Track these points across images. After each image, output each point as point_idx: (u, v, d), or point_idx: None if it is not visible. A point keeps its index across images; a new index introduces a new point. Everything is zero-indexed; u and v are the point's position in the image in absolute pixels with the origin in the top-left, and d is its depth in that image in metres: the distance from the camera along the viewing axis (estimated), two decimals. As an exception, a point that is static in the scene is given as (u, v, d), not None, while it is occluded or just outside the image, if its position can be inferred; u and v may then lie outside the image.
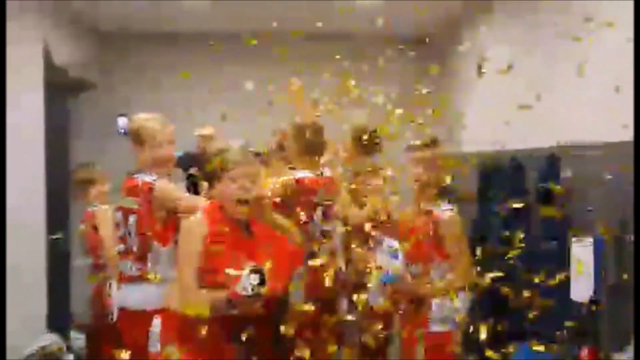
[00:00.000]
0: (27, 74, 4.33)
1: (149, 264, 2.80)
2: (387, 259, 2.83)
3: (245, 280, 2.18)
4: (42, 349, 3.78)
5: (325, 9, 5.41)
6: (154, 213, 2.79)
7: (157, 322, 2.48)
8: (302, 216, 3.09)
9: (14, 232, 3.89)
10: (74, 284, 5.58)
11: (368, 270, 2.94)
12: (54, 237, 4.66)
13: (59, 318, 4.62)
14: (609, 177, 3.30)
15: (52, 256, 4.56)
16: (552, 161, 3.83)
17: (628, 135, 3.00)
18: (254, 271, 2.19)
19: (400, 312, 2.95)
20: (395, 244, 2.88)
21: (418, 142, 3.00)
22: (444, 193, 2.98)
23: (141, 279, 2.81)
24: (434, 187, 2.94)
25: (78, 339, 5.06)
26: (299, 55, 6.10)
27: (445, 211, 2.89)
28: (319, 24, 4.12)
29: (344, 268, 3.23)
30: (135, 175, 2.87)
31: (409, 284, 2.85)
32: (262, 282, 2.19)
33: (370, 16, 5.47)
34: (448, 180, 2.96)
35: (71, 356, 3.98)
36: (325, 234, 3.27)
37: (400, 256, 2.84)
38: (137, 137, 2.89)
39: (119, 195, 2.95)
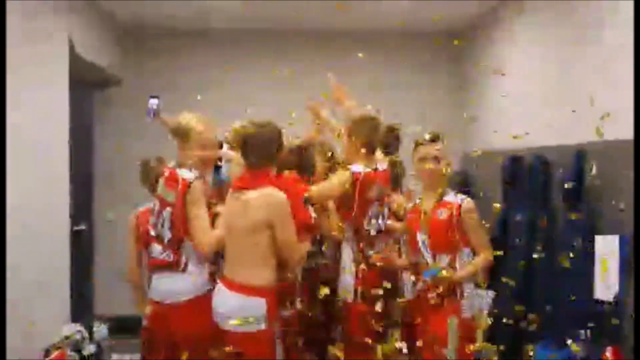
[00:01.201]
0: (51, 69, 4.37)
1: (183, 257, 2.90)
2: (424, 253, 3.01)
3: None
4: (66, 338, 3.83)
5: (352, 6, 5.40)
6: (185, 210, 2.88)
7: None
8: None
9: (39, 227, 3.94)
10: (97, 277, 5.67)
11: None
12: (77, 228, 4.72)
13: (82, 310, 4.67)
14: (626, 172, 3.28)
15: (75, 249, 4.61)
16: (579, 158, 3.78)
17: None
18: None
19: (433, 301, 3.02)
20: (423, 236, 3.02)
21: (427, 138, 3.14)
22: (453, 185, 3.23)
23: (170, 268, 2.90)
24: (444, 180, 3.13)
25: (100, 330, 5.12)
26: (322, 52, 6.12)
27: (463, 200, 3.06)
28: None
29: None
30: (178, 170, 2.96)
31: (447, 276, 2.96)
32: None
33: (399, 13, 5.49)
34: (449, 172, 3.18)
35: (93, 346, 4.02)
36: (381, 230, 3.27)
37: (428, 248, 2.98)
38: (184, 135, 2.97)
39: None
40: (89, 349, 3.94)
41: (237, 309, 2.74)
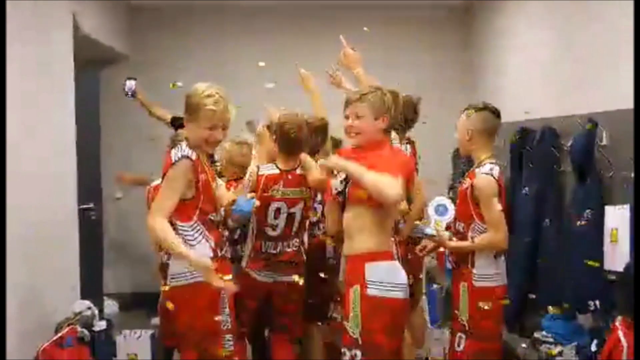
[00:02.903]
0: (55, 47, 4.34)
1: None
2: (431, 214, 3.04)
3: None
4: (76, 314, 3.87)
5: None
6: None
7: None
8: None
9: (47, 206, 3.95)
10: (106, 255, 5.71)
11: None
12: (84, 206, 4.73)
13: (92, 287, 4.70)
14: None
15: (84, 227, 4.63)
16: (589, 128, 3.72)
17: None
18: None
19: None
20: (442, 200, 3.06)
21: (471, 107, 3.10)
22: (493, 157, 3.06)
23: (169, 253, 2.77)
24: (475, 149, 3.06)
25: (111, 306, 5.17)
26: (330, 25, 6.04)
27: (482, 174, 2.94)
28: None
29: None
30: (175, 148, 2.72)
31: (441, 240, 3.01)
32: None
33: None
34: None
35: (104, 322, 4.05)
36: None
37: (449, 213, 3.02)
38: (193, 112, 2.69)
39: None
40: (99, 325, 3.97)
41: None
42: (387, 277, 2.62)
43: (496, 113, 3.09)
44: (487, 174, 2.94)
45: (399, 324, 2.69)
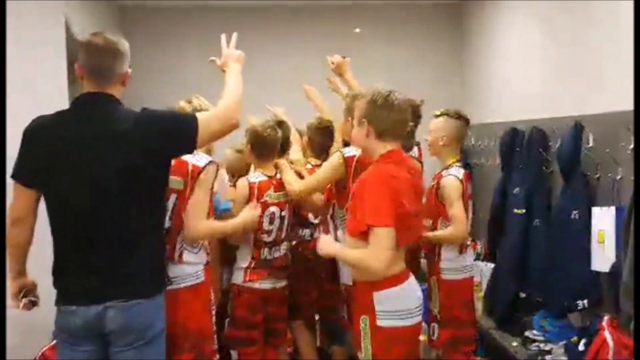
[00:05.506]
0: (48, 48, 4.34)
1: (177, 247, 2.72)
2: None
3: None
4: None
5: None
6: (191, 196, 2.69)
7: None
8: None
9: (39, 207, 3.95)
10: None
11: None
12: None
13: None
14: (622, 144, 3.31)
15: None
16: (576, 130, 3.77)
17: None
18: None
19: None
20: None
21: (438, 112, 3.40)
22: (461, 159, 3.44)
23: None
24: (447, 153, 3.36)
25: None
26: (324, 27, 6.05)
27: (448, 175, 3.26)
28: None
29: None
30: (185, 157, 2.68)
31: None
32: None
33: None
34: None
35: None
36: None
37: None
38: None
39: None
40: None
41: None
42: (399, 304, 2.36)
43: (467, 122, 3.41)
44: (454, 175, 3.26)
45: (412, 350, 2.48)
